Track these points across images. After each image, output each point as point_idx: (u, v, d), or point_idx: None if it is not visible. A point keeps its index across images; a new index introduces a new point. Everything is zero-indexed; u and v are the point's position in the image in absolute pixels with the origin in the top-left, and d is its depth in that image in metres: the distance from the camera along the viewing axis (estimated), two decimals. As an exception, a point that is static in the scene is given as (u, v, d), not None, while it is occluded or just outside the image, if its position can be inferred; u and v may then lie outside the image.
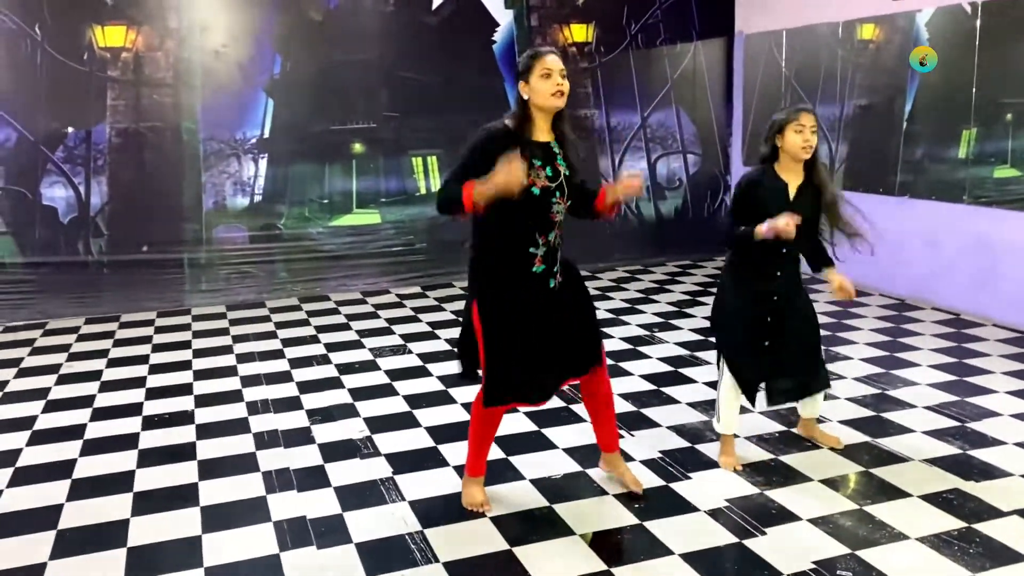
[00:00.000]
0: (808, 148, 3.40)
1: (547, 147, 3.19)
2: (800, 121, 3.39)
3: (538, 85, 3.10)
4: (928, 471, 3.65)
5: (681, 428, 4.19)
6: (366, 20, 7.19)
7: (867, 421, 4.22)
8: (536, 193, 3.09)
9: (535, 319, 3.19)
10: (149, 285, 6.90)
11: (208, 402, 4.73)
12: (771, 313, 3.53)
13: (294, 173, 7.20)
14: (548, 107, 3.14)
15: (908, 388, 4.65)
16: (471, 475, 3.48)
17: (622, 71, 7.91)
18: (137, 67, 6.69)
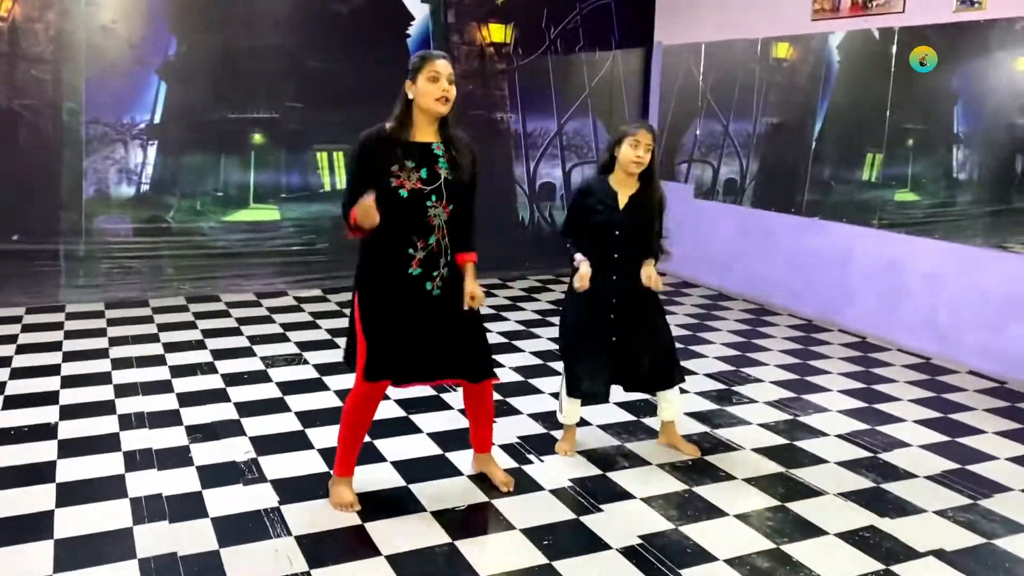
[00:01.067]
0: (639, 164, 3.52)
1: (426, 148, 3.13)
2: (637, 137, 3.51)
3: (424, 87, 3.08)
4: (843, 506, 3.54)
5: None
6: (272, 3, 6.76)
7: (780, 450, 4.09)
8: (403, 195, 3.06)
9: (410, 315, 3.18)
10: (20, 278, 6.29)
11: (75, 414, 4.26)
12: (612, 311, 3.67)
13: (187, 163, 6.69)
14: (431, 111, 3.11)
15: (820, 415, 4.57)
16: (340, 475, 3.42)
17: (540, 75, 7.71)
18: (12, 39, 6.08)
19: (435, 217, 3.11)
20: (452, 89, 3.10)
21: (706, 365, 5.37)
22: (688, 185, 7.83)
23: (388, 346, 3.20)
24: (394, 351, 3.20)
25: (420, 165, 3.08)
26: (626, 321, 3.70)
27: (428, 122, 3.13)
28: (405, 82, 3.12)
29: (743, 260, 7.22)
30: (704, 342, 5.89)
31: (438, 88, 3.06)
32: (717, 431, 4.29)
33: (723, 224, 7.45)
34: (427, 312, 3.20)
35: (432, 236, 3.12)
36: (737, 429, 4.33)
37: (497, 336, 5.90)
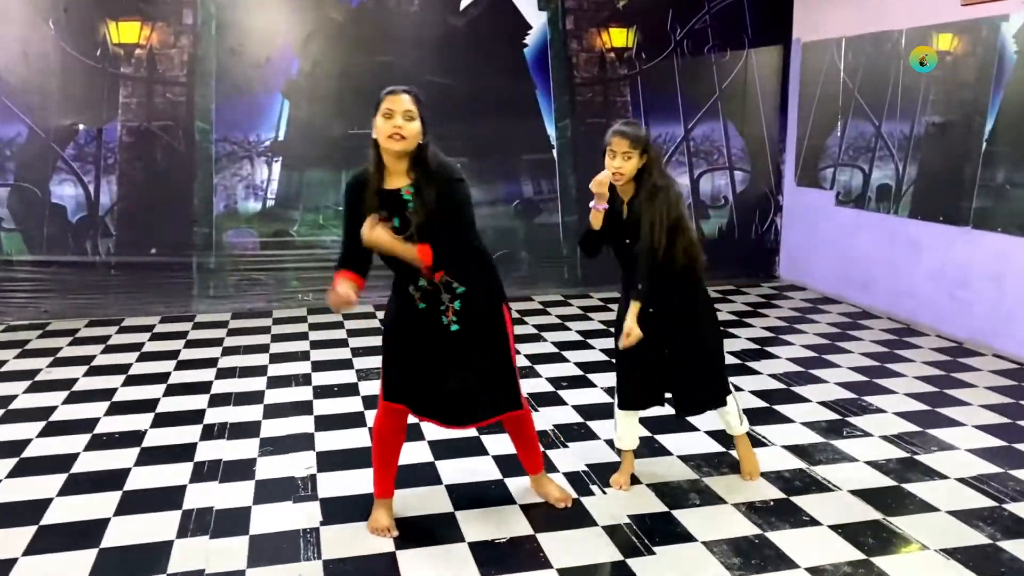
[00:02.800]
0: (618, 175, 3.26)
1: (395, 195, 2.99)
2: (612, 146, 3.27)
3: (379, 124, 2.94)
4: (944, 565, 3.03)
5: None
6: (389, 20, 6.84)
7: (883, 493, 3.59)
8: None
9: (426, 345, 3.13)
10: (156, 289, 6.71)
11: (165, 422, 4.43)
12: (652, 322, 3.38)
13: (309, 178, 6.90)
14: (388, 150, 2.95)
15: (943, 453, 3.99)
16: (378, 496, 3.33)
17: (665, 79, 7.35)
18: (151, 64, 6.50)
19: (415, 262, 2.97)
20: (407, 126, 2.91)
21: (824, 392, 4.85)
22: (829, 192, 7.20)
23: (403, 370, 3.16)
24: (409, 376, 3.16)
25: (392, 214, 2.97)
26: (674, 332, 3.44)
27: (396, 162, 2.98)
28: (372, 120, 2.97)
29: (888, 274, 6.54)
30: (829, 365, 5.35)
31: (390, 125, 2.90)
32: (814, 468, 3.84)
33: (866, 234, 6.79)
34: (445, 346, 3.12)
35: (420, 279, 3.05)
36: (839, 467, 3.85)
37: (598, 354, 5.63)
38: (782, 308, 6.86)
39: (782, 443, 4.11)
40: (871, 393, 4.82)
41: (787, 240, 7.83)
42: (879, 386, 4.94)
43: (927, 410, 4.55)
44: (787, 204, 7.77)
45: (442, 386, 3.15)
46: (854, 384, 4.97)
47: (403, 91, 2.98)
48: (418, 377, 3.15)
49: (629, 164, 3.25)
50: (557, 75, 7.14)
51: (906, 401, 4.68)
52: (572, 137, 7.18)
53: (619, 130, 3.29)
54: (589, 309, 6.80)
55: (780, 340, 5.93)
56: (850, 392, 4.84)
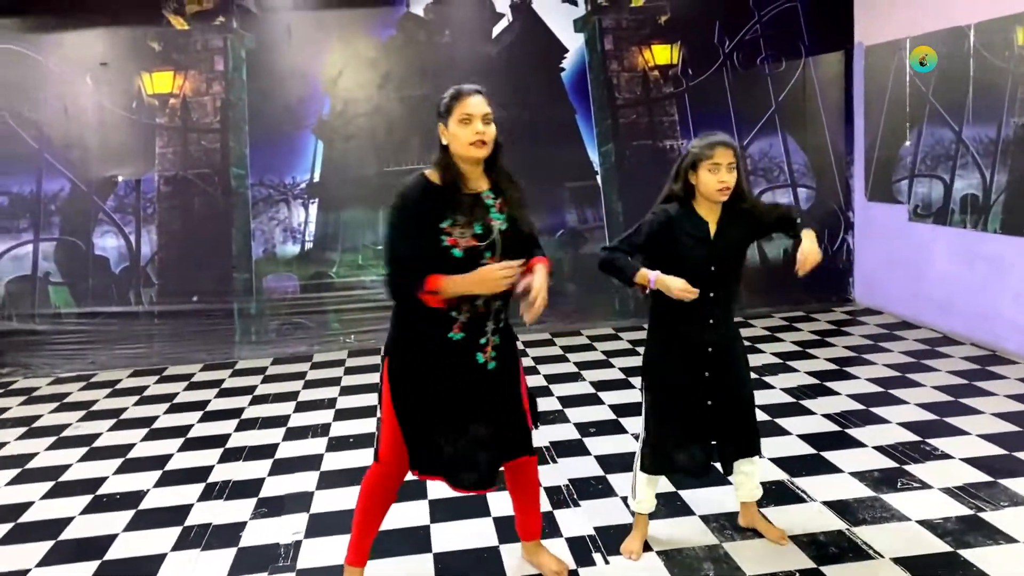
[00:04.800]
0: (725, 190, 2.93)
1: (476, 198, 2.71)
2: (714, 159, 2.90)
3: (457, 131, 2.67)
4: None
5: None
6: (420, 53, 6.67)
7: (935, 562, 3.08)
8: (458, 255, 2.64)
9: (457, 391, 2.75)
10: (199, 336, 6.67)
11: (168, 481, 4.28)
12: (708, 367, 3.05)
13: (346, 218, 6.76)
14: (467, 158, 2.69)
15: (1014, 510, 3.42)
16: (351, 563, 3.03)
17: (715, 95, 6.91)
18: (185, 113, 6.52)
19: None
20: (488, 130, 2.67)
21: (882, 434, 4.31)
22: (903, 207, 6.58)
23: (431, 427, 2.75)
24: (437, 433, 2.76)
25: (472, 219, 2.66)
26: (721, 377, 3.08)
27: (472, 167, 2.72)
28: (439, 126, 2.73)
29: (971, 295, 5.88)
30: (894, 402, 4.78)
31: (471, 131, 2.65)
32: (856, 530, 3.35)
33: (947, 251, 6.14)
34: (479, 390, 2.78)
35: (479, 298, 2.69)
36: (886, 528, 3.35)
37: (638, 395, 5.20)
38: (852, 336, 6.27)
39: (823, 498, 3.62)
40: (938, 434, 4.25)
41: (861, 260, 7.21)
42: (949, 426, 4.36)
43: (1002, 455, 3.96)
44: (858, 221, 7.16)
45: (464, 436, 2.77)
46: (920, 424, 4.41)
47: (475, 91, 2.70)
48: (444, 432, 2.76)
49: (734, 176, 2.93)
50: (597, 98, 6.80)
51: (979, 444, 4.10)
52: (616, 161, 6.81)
53: (722, 141, 2.93)
54: (639, 343, 6.34)
55: (844, 373, 5.38)
56: (913, 434, 4.28)
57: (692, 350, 3.04)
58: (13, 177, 6.41)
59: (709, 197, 2.96)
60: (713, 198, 2.95)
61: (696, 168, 2.95)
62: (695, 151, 2.96)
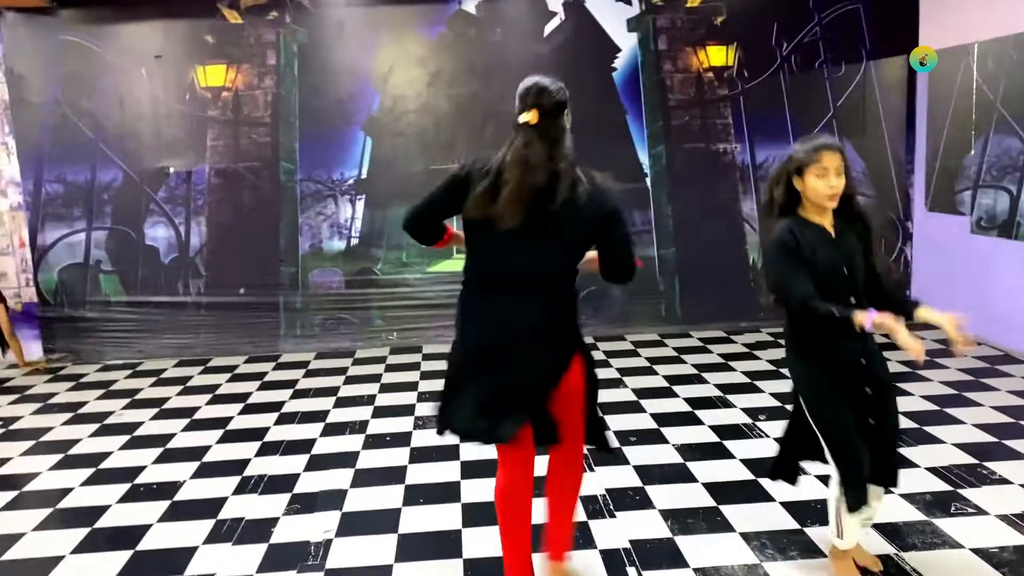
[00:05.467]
0: (835, 196, 2.76)
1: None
2: (822, 163, 2.73)
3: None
4: None
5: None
6: (470, 51, 6.62)
7: (988, 594, 2.92)
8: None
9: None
10: (244, 329, 6.72)
11: (205, 473, 4.29)
12: (866, 382, 2.83)
13: (392, 215, 6.74)
14: None
15: (1077, 542, 3.24)
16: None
17: (771, 98, 6.73)
18: (236, 106, 6.56)
19: None
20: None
21: (937, 454, 4.13)
22: (965, 218, 6.33)
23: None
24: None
25: None
26: (879, 391, 2.87)
27: None
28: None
29: (1035, 312, 5.63)
30: (951, 421, 4.59)
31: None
32: (906, 555, 3.20)
33: (1007, 265, 5.89)
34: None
35: None
36: (937, 555, 3.19)
37: (680, 404, 5.09)
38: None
39: (872, 520, 3.47)
40: (996, 458, 4.06)
41: (919, 272, 6.96)
42: (1008, 449, 4.16)
43: (1066, 483, 3.76)
44: (917, 232, 6.92)
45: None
46: (976, 446, 4.21)
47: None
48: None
49: (843, 181, 2.77)
50: (649, 99, 6.67)
51: (1040, 470, 3.90)
52: (667, 164, 6.68)
53: (828, 144, 2.78)
54: (685, 351, 6.24)
55: (898, 390, 5.17)
56: (970, 456, 4.09)
57: (848, 366, 2.82)
58: (69, 166, 6.52)
59: (819, 203, 2.79)
60: (823, 204, 2.78)
61: (802, 174, 2.79)
62: (800, 156, 2.79)
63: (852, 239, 2.84)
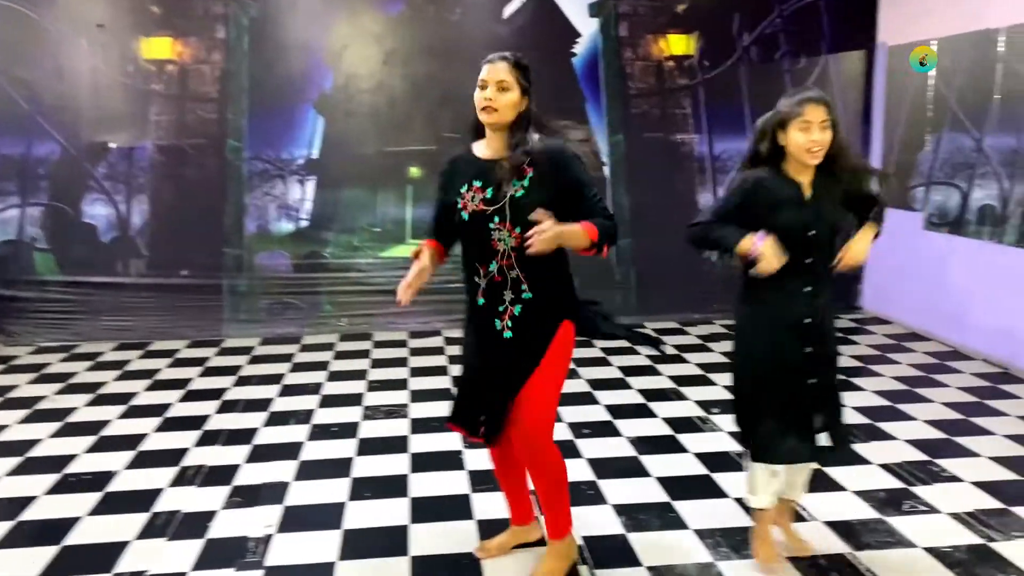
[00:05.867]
0: (817, 152, 2.70)
1: (491, 164, 2.75)
2: (805, 116, 2.67)
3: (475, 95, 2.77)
4: None
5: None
6: (428, 31, 6.45)
7: (942, 594, 2.89)
8: (464, 218, 2.77)
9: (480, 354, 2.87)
10: (186, 311, 6.48)
11: (141, 463, 4.10)
12: (808, 340, 2.81)
13: (344, 198, 6.56)
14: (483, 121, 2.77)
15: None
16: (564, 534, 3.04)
17: (730, 90, 6.68)
18: (182, 80, 6.30)
19: (499, 242, 2.73)
20: (501, 97, 2.70)
21: (890, 451, 4.12)
22: (918, 214, 6.36)
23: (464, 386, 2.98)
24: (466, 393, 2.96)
25: (486, 184, 2.74)
26: (821, 352, 2.84)
27: (493, 134, 2.77)
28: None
29: (986, 309, 5.67)
30: (902, 417, 4.59)
31: (481, 97, 2.72)
32: (860, 554, 3.16)
33: (962, 262, 5.93)
34: (496, 355, 2.81)
35: (493, 263, 2.74)
36: (891, 554, 3.16)
37: (634, 395, 5.03)
38: (859, 345, 6.07)
39: (825, 518, 3.43)
40: (948, 455, 4.06)
41: (872, 267, 6.99)
42: (959, 447, 4.16)
43: (1015, 480, 3.77)
44: (871, 227, 6.94)
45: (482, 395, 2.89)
46: (928, 443, 4.21)
47: (499, 58, 2.78)
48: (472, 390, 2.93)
49: (828, 136, 2.69)
50: (609, 86, 6.58)
51: (989, 468, 3.90)
52: (626, 153, 6.59)
53: (813, 96, 2.70)
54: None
55: (850, 384, 5.17)
56: (922, 453, 4.09)
57: (789, 325, 2.79)
58: (1, 138, 6.20)
59: (799, 158, 2.72)
60: (803, 160, 2.71)
61: (785, 127, 2.71)
62: (784, 109, 2.72)
63: (828, 201, 2.77)
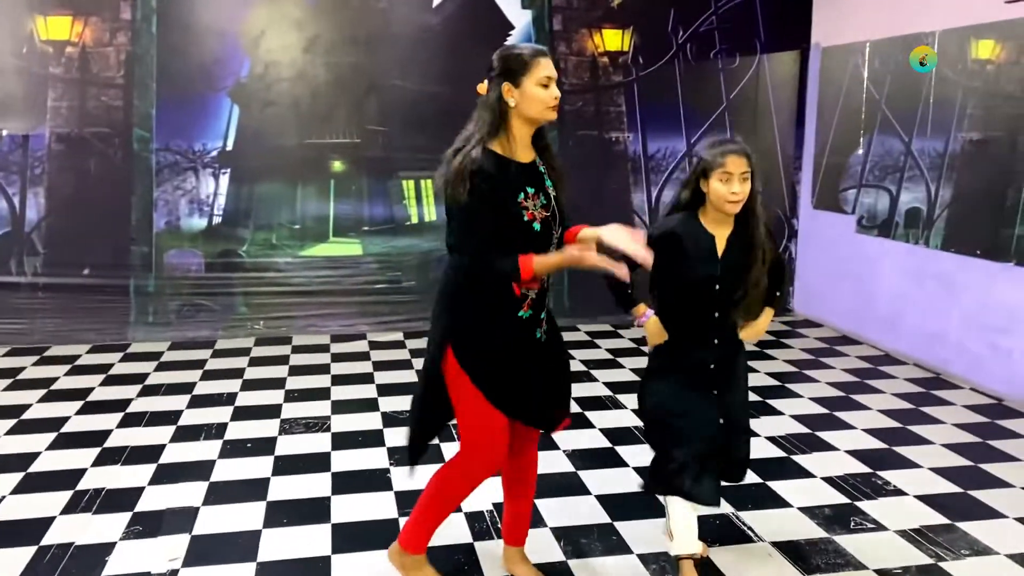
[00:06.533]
0: (736, 202, 2.65)
1: (533, 168, 2.58)
2: (727, 167, 2.63)
3: (533, 91, 2.46)
4: None
5: None
6: (353, 18, 6.10)
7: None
8: (537, 229, 2.50)
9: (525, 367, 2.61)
10: (89, 314, 6.01)
11: (31, 486, 3.69)
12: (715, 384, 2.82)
13: (261, 192, 6.17)
14: (541, 121, 2.53)
15: (977, 560, 3.13)
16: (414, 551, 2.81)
17: (665, 87, 6.54)
18: (83, 64, 5.82)
19: (554, 247, 2.56)
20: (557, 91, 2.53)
21: (832, 463, 4.00)
22: (850, 217, 6.34)
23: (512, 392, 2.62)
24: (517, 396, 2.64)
25: (538, 190, 2.53)
26: (727, 394, 2.86)
27: (528, 134, 2.55)
28: (502, 85, 2.46)
29: (916, 314, 5.66)
30: (841, 426, 4.50)
31: (550, 95, 2.48)
32: (811, 578, 3.01)
33: (892, 266, 5.92)
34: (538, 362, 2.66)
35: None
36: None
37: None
38: (792, 349, 6.00)
39: (773, 538, 3.28)
40: (890, 466, 3.97)
41: (802, 270, 6.96)
42: (900, 457, 4.08)
43: (957, 493, 3.69)
44: (803, 229, 6.91)
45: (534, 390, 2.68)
46: (869, 453, 4.12)
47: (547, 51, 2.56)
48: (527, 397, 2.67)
49: (748, 187, 2.66)
50: (542, 81, 6.35)
51: (932, 480, 3.82)
52: (559, 151, 6.37)
53: (735, 148, 2.68)
54: (572, 345, 5.98)
55: (786, 390, 5.09)
56: (863, 464, 3.99)
57: (696, 370, 2.81)
58: None
59: (720, 208, 2.69)
60: (724, 210, 2.69)
61: (707, 176, 2.68)
62: (707, 158, 2.69)
63: (743, 258, 2.75)
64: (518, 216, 2.45)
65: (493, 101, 2.47)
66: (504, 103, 2.46)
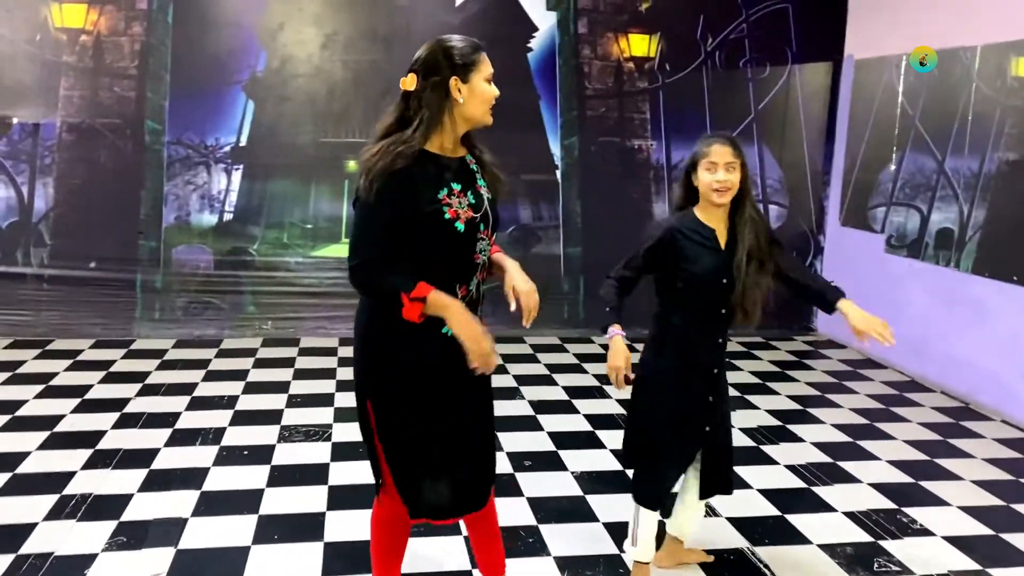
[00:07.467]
0: (722, 191, 2.63)
1: (463, 164, 2.35)
2: (711, 156, 2.63)
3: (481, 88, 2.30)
4: None
5: None
6: (373, 15, 5.97)
7: None
8: (461, 229, 2.24)
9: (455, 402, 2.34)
10: (94, 307, 5.90)
11: (16, 489, 3.56)
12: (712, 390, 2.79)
13: (273, 190, 6.04)
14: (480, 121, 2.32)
15: (1010, 612, 2.93)
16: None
17: (691, 96, 6.34)
18: (97, 53, 5.71)
19: (481, 253, 2.33)
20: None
21: (856, 496, 3.80)
22: (879, 236, 6.12)
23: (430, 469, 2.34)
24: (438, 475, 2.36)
25: (465, 187, 2.30)
26: (723, 404, 2.85)
27: (461, 134, 2.35)
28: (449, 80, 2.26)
29: (944, 339, 5.44)
30: (864, 456, 4.28)
31: (493, 92, 2.33)
32: None
33: (921, 288, 5.69)
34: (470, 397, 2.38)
35: (473, 279, 2.34)
36: (862, 624, 2.82)
37: (580, 421, 4.64)
38: (815, 371, 5.79)
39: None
40: (916, 502, 3.75)
41: (827, 288, 6.72)
42: (928, 494, 3.86)
43: (989, 536, 3.47)
44: (829, 246, 6.69)
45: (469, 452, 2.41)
46: (894, 488, 3.90)
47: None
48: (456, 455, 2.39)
49: (735, 177, 2.64)
50: (565, 85, 6.18)
51: (962, 521, 3.60)
52: (580, 157, 6.21)
53: (719, 137, 2.70)
54: (587, 358, 5.80)
55: (808, 416, 4.88)
56: (887, 499, 3.78)
57: (701, 372, 2.76)
58: None
59: (707, 198, 2.67)
60: (711, 199, 2.66)
61: (696, 169, 2.69)
62: (695, 150, 2.71)
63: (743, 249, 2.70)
64: (437, 213, 2.20)
65: (439, 97, 2.25)
66: (451, 100, 2.26)
